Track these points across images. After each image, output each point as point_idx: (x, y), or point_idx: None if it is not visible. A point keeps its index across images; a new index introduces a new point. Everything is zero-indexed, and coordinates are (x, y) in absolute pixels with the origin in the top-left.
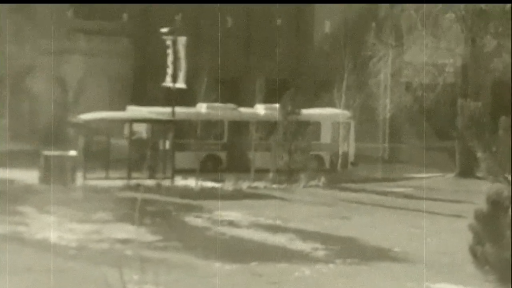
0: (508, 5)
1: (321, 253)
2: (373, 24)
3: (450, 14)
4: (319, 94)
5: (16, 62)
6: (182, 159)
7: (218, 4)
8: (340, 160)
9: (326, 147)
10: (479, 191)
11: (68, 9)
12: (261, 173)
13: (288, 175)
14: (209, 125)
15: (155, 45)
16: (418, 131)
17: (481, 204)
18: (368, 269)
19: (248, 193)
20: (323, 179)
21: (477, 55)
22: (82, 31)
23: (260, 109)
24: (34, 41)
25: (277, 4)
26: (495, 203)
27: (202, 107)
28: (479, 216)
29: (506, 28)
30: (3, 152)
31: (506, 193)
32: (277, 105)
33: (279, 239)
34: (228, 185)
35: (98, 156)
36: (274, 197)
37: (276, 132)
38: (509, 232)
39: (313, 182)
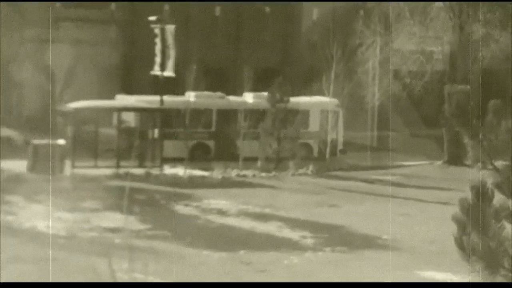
0: None
1: (309, 241)
2: (362, 12)
3: (438, 2)
4: (308, 82)
5: (3, 51)
6: (171, 147)
7: None
8: (328, 148)
9: (314, 135)
10: (468, 179)
11: None
12: (249, 161)
13: (277, 163)
14: (198, 113)
15: (144, 34)
16: (406, 119)
17: (466, 192)
18: (357, 257)
19: (236, 182)
20: (311, 167)
21: (465, 43)
22: (70, 20)
23: (248, 98)
24: (21, 30)
25: None
26: (478, 191)
27: (190, 96)
28: (464, 205)
29: (494, 17)
30: None
31: (490, 181)
32: (265, 94)
33: (267, 227)
34: (217, 174)
35: (87, 145)
36: (263, 186)
37: (264, 120)
38: (494, 221)
39: (301, 170)
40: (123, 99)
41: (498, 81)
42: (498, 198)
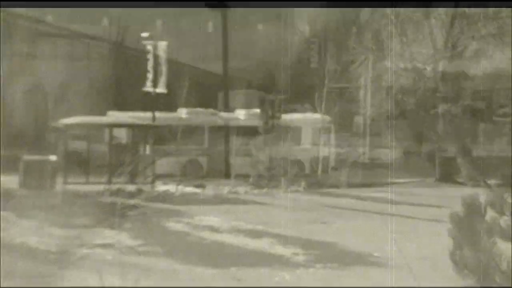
0: (491, 9)
1: (301, 258)
2: (354, 29)
3: (430, 19)
4: (300, 99)
5: None
6: (163, 164)
7: (199, 9)
8: (320, 165)
9: (306, 152)
10: (459, 196)
11: (48, 13)
12: (241, 178)
13: (269, 180)
14: (190, 130)
15: (136, 50)
16: (398, 136)
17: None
18: (348, 274)
19: (229, 198)
20: (303, 184)
21: (457, 61)
22: (62, 36)
23: (240, 114)
24: (12, 45)
25: (258, 8)
26: (470, 206)
27: (182, 112)
28: (455, 220)
29: (489, 32)
30: None
31: (482, 197)
32: (257, 110)
33: (259, 244)
34: (209, 190)
35: (79, 161)
36: (255, 202)
37: (256, 137)
38: (485, 236)
39: (293, 187)
40: (115, 116)
41: (491, 98)
42: (491, 214)
